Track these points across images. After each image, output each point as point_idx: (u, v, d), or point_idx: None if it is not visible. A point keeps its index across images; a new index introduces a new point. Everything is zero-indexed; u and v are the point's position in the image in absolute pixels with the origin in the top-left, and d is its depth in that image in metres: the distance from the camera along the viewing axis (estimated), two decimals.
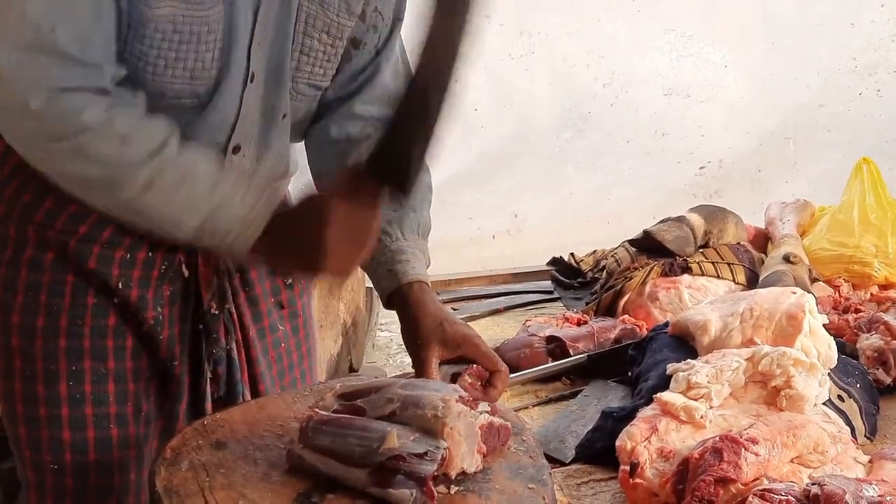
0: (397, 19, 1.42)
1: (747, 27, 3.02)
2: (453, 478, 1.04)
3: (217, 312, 1.41)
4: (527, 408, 1.81)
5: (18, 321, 1.33)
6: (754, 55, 3.04)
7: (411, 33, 1.17)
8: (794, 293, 1.70)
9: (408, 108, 1.17)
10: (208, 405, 1.41)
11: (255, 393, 1.43)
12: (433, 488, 1.00)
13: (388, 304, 1.36)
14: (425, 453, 1.01)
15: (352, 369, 2.79)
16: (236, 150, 1.32)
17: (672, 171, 3.07)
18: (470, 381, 1.30)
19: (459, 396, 1.07)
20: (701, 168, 3.07)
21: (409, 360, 4.05)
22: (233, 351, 1.42)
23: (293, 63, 1.31)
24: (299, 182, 1.43)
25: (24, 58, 1.12)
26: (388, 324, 4.42)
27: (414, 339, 1.30)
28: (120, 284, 1.34)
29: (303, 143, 1.50)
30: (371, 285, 3.05)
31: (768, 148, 3.08)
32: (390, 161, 1.18)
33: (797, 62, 3.03)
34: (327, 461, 1.06)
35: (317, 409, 1.10)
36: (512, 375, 1.88)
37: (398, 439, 1.02)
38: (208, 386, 1.41)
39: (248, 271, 1.47)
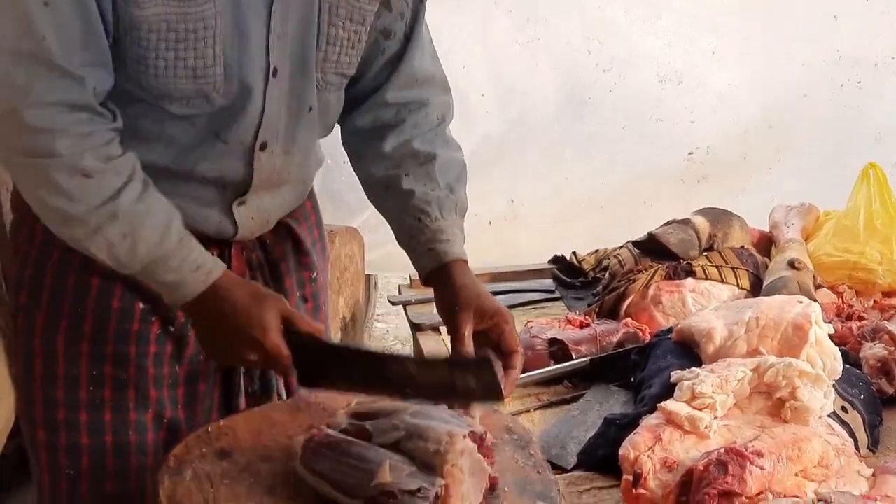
0: (420, 2, 1.42)
1: (734, 15, 3.04)
2: None
3: None
4: (528, 411, 1.80)
5: (42, 323, 1.33)
6: (740, 43, 3.06)
7: None
8: (801, 303, 1.69)
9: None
10: (242, 400, 1.41)
11: (286, 384, 1.44)
12: None
13: (425, 281, 1.41)
14: (418, 490, 0.99)
15: None
16: (263, 146, 1.32)
17: (663, 156, 3.09)
18: None
19: (471, 432, 1.05)
20: (689, 154, 3.09)
21: (404, 352, 4.09)
22: None
23: (320, 54, 1.31)
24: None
25: (14, 64, 1.11)
26: (383, 315, 4.42)
27: (451, 307, 1.33)
28: None
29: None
30: (370, 272, 3.07)
31: (753, 135, 3.10)
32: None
33: (782, 52, 3.06)
34: (325, 486, 1.05)
35: (323, 427, 1.08)
36: None
37: (391, 473, 1.00)
38: (241, 379, 1.41)
39: (278, 264, 1.48)
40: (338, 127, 1.52)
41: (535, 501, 1.09)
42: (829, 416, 1.55)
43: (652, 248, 2.20)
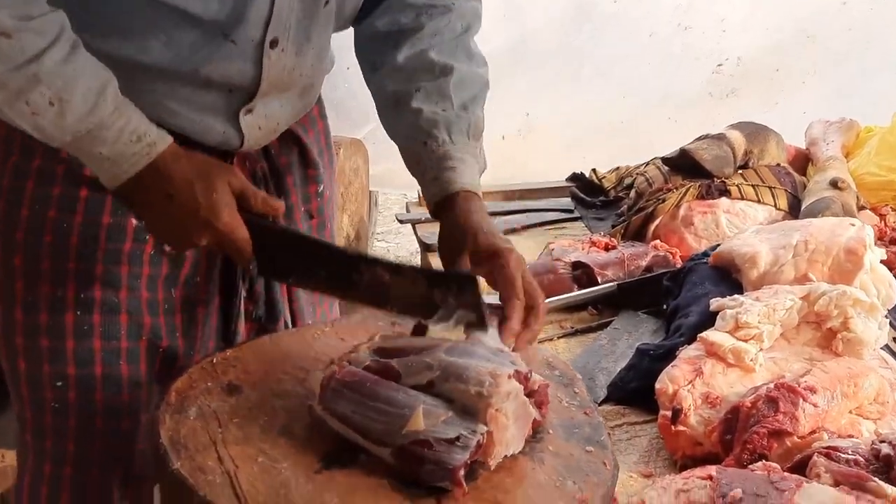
0: None
1: None
2: (492, 467, 0.89)
3: None
4: (552, 339, 1.69)
5: (23, 238, 1.18)
6: None
7: None
8: (853, 225, 1.56)
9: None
10: (241, 326, 1.29)
11: (291, 312, 1.32)
12: (463, 481, 0.86)
13: (434, 213, 1.26)
14: (457, 439, 0.86)
15: None
16: (273, 44, 1.16)
17: (690, 68, 2.92)
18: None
19: (515, 371, 0.91)
20: (718, 66, 2.91)
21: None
22: None
23: None
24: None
25: None
26: (384, 234, 4.29)
27: (445, 248, 1.21)
28: None
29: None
30: (373, 189, 2.92)
31: (787, 46, 2.92)
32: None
33: None
34: (347, 431, 0.92)
35: (344, 363, 0.95)
36: None
37: (426, 420, 0.87)
38: (242, 304, 1.29)
39: (283, 177, 1.34)
40: (350, 32, 1.37)
41: (584, 447, 0.97)
42: (882, 348, 1.45)
43: (682, 164, 2.05)
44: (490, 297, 1.27)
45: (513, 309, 1.11)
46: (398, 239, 4.08)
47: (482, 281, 1.23)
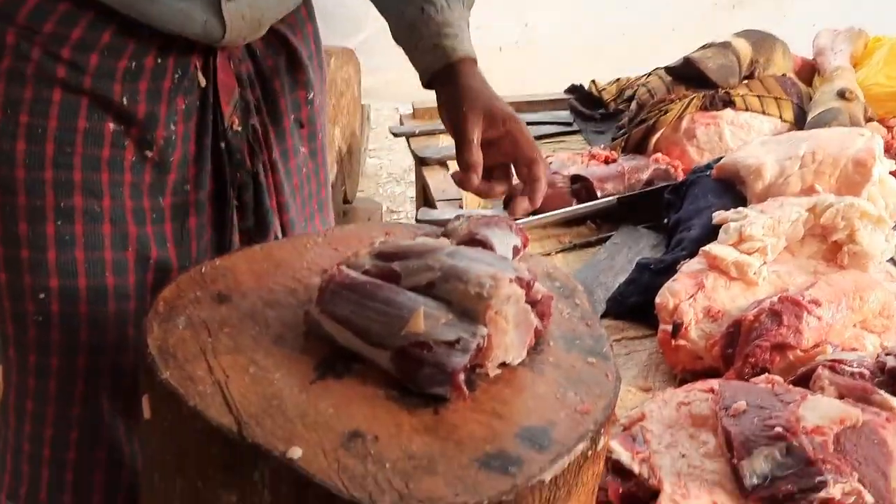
0: None
1: None
2: (491, 374, 0.86)
3: (240, 129, 1.21)
4: (550, 254, 1.65)
5: None
6: None
7: None
8: (862, 136, 1.51)
9: None
10: (235, 237, 1.24)
11: (281, 223, 1.27)
12: (463, 385, 0.82)
13: (428, 84, 1.22)
14: (457, 341, 0.82)
15: (346, 201, 2.62)
16: None
17: None
18: None
19: (517, 277, 0.87)
20: None
21: (399, 190, 3.89)
22: (259, 174, 1.24)
23: None
24: None
25: None
26: (376, 150, 4.21)
27: (457, 109, 1.15)
28: (124, 100, 1.13)
29: None
30: (365, 102, 2.84)
31: None
32: None
33: None
34: (345, 334, 0.88)
35: (343, 268, 0.91)
36: (533, 217, 1.72)
37: (426, 322, 0.83)
38: (235, 214, 1.24)
39: (271, 80, 1.27)
40: None
41: (585, 357, 0.94)
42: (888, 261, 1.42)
43: (686, 74, 1.98)
44: (483, 210, 1.24)
45: (539, 169, 1.14)
46: (391, 155, 4.01)
47: (472, 198, 1.19)
